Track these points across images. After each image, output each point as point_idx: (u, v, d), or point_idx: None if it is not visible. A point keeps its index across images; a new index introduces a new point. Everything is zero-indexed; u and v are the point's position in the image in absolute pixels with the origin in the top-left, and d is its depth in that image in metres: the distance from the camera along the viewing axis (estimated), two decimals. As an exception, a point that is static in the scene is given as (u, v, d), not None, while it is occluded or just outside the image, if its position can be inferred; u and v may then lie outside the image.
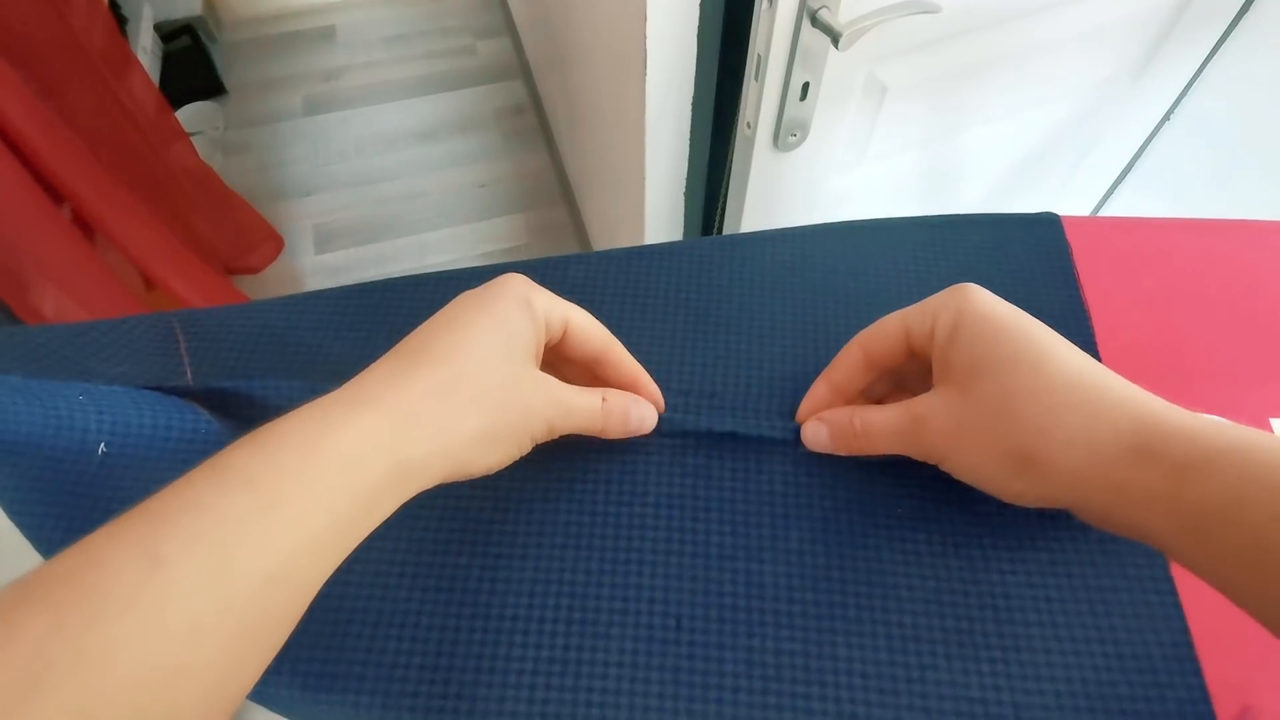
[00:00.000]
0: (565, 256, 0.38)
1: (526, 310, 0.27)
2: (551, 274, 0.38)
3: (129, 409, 0.31)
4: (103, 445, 0.31)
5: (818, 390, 0.32)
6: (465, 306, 0.27)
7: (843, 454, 0.31)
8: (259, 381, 0.33)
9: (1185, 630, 0.28)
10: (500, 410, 0.26)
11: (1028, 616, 0.28)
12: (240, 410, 0.33)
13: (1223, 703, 0.27)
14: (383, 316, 0.36)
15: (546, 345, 0.28)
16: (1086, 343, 0.35)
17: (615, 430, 0.31)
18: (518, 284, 0.28)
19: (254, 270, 1.47)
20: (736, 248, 0.39)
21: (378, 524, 0.23)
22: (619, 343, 0.31)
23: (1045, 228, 0.39)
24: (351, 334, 0.36)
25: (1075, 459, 0.23)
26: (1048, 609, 0.29)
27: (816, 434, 0.31)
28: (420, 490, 0.24)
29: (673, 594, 0.29)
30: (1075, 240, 0.39)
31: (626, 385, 0.31)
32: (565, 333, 0.29)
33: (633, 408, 0.31)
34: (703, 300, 0.37)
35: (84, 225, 1.06)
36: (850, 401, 0.32)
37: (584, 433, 0.29)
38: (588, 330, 0.29)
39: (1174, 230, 0.39)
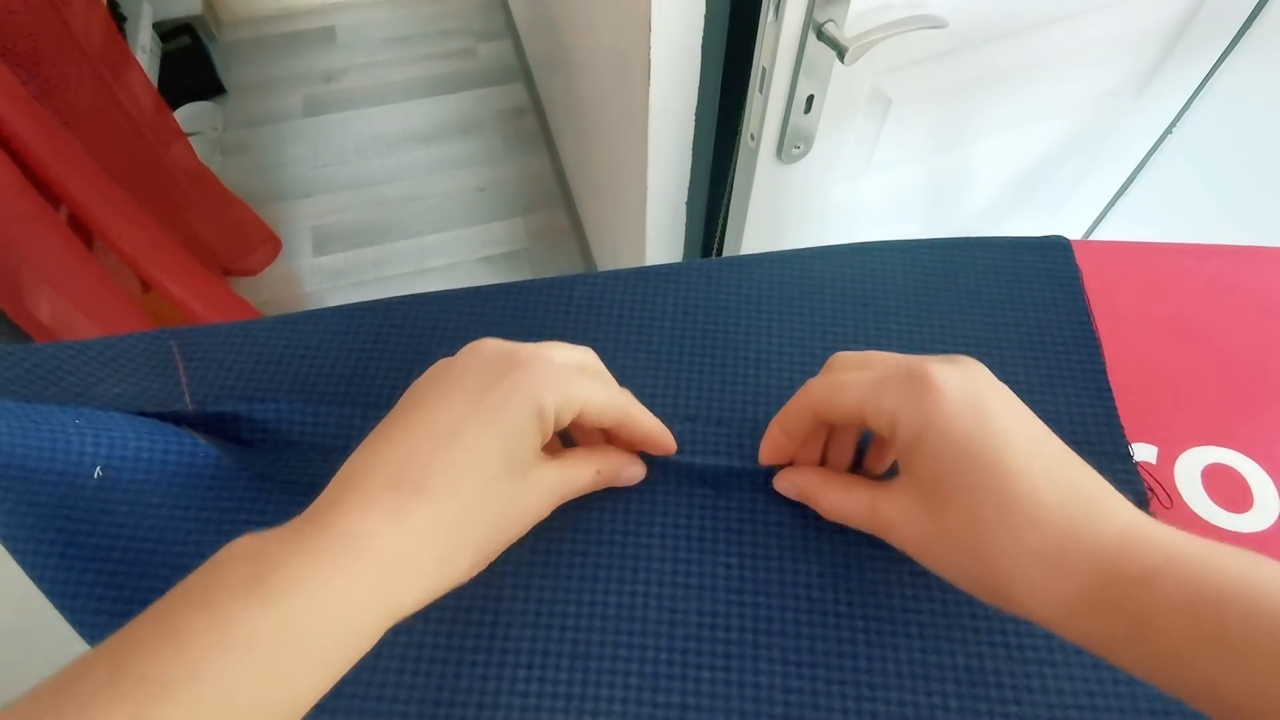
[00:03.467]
0: (571, 277, 0.38)
1: (537, 421, 0.25)
2: (557, 294, 0.37)
3: (126, 434, 0.31)
4: (99, 470, 0.30)
5: (773, 435, 0.30)
6: (471, 416, 0.25)
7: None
8: (259, 405, 0.32)
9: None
10: (498, 533, 0.25)
11: (1039, 654, 0.28)
12: (240, 434, 0.32)
13: None
14: (385, 337, 0.36)
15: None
16: (1096, 370, 0.34)
17: (602, 487, 0.30)
18: (530, 386, 0.25)
19: (252, 272, 1.46)
20: (744, 269, 0.38)
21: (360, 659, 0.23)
22: (634, 408, 0.29)
23: (1056, 251, 0.38)
24: (353, 355, 0.35)
25: (1041, 608, 0.23)
26: (1059, 644, 0.28)
27: (789, 490, 0.30)
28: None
29: (679, 629, 0.28)
30: (1086, 264, 0.38)
31: (639, 445, 0.30)
32: (579, 416, 0.27)
33: (624, 470, 0.30)
34: (710, 322, 0.37)
35: (81, 227, 1.05)
36: (807, 444, 0.30)
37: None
38: (602, 411, 0.28)
39: (1186, 255, 0.39)
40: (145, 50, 1.49)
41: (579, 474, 0.28)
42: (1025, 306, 0.36)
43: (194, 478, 0.31)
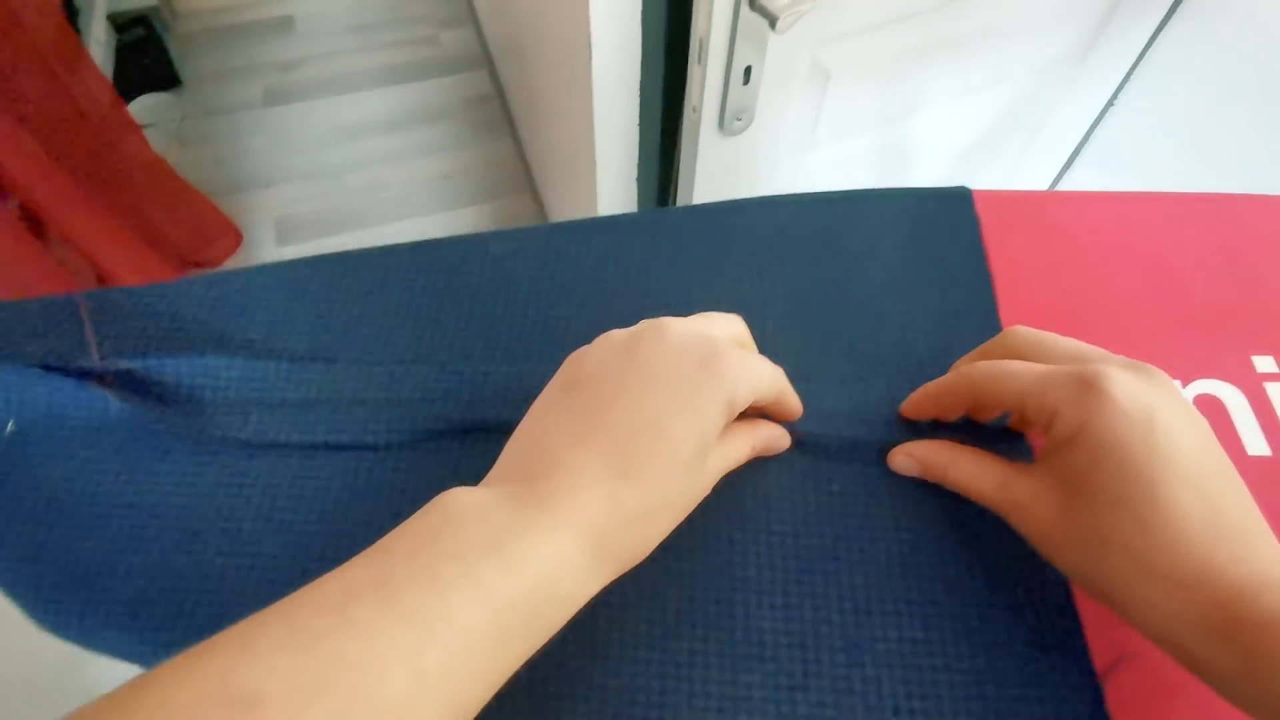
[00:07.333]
0: (485, 234, 0.38)
1: (727, 412, 0.26)
2: (471, 251, 0.38)
3: (38, 390, 0.31)
4: (11, 424, 0.31)
5: (921, 401, 0.31)
6: (670, 408, 0.25)
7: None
8: (170, 359, 0.33)
9: (1065, 580, 0.29)
10: (680, 515, 0.26)
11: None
12: (150, 390, 0.33)
13: (1101, 652, 0.28)
14: (309, 295, 0.36)
15: None
16: (987, 307, 0.36)
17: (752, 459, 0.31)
18: (727, 381, 0.26)
19: (213, 264, 1.45)
20: (658, 223, 0.39)
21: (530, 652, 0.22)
22: (788, 385, 0.30)
23: (956, 201, 0.40)
24: (271, 312, 0.36)
25: (1152, 623, 0.23)
26: None
27: (906, 467, 0.31)
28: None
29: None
30: (986, 213, 0.40)
31: (780, 416, 0.32)
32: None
33: (775, 443, 0.31)
34: (621, 275, 0.38)
35: (32, 219, 1.04)
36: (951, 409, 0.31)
37: None
38: (768, 391, 0.29)
39: (1083, 201, 0.41)
40: (99, 42, 1.47)
41: (739, 451, 0.29)
42: (925, 250, 0.38)
43: (105, 432, 0.31)
